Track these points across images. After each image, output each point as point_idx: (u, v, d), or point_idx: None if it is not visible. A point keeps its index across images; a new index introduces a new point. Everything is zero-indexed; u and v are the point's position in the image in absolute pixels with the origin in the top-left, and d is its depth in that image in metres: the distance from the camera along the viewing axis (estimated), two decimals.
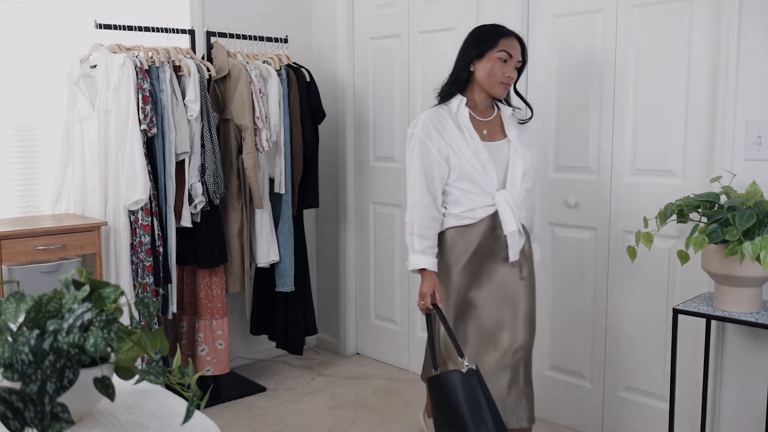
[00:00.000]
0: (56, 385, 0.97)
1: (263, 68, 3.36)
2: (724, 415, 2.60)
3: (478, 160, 2.36)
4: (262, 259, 3.51)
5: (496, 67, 2.39)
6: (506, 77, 2.40)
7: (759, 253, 2.12)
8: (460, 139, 2.38)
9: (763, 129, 2.44)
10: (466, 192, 2.38)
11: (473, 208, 2.38)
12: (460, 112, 2.42)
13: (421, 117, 2.43)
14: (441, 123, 2.39)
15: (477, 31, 2.50)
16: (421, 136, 2.38)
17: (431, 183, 2.38)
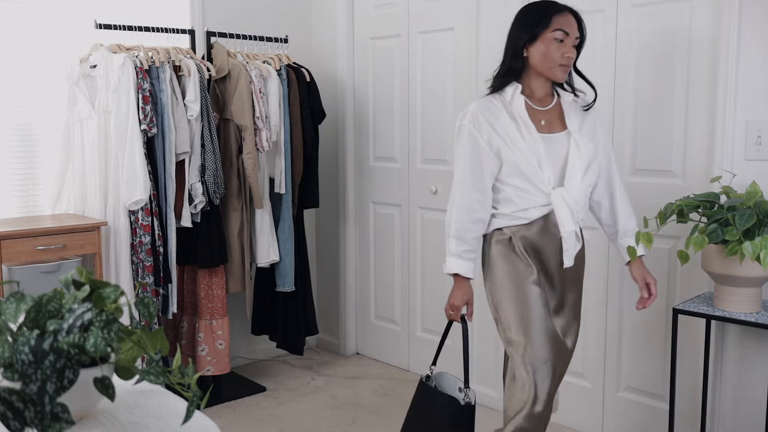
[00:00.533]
0: (56, 385, 0.97)
1: (263, 68, 3.36)
2: (724, 415, 2.60)
3: (534, 154, 2.12)
4: (262, 259, 3.51)
5: (552, 48, 2.11)
6: (565, 58, 2.12)
7: (759, 253, 2.12)
8: (514, 131, 2.13)
9: (763, 129, 2.44)
10: (518, 189, 2.15)
11: (526, 207, 2.15)
12: (514, 101, 2.17)
13: (471, 107, 2.19)
14: (492, 113, 2.15)
15: (524, 11, 2.22)
16: (470, 128, 2.15)
17: (479, 180, 2.15)
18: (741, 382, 2.55)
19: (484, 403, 3.40)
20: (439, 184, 3.60)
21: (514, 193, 2.15)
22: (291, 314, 3.62)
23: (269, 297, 3.64)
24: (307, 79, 3.56)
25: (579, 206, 2.18)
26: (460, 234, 2.18)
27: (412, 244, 3.79)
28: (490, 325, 3.39)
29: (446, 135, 3.55)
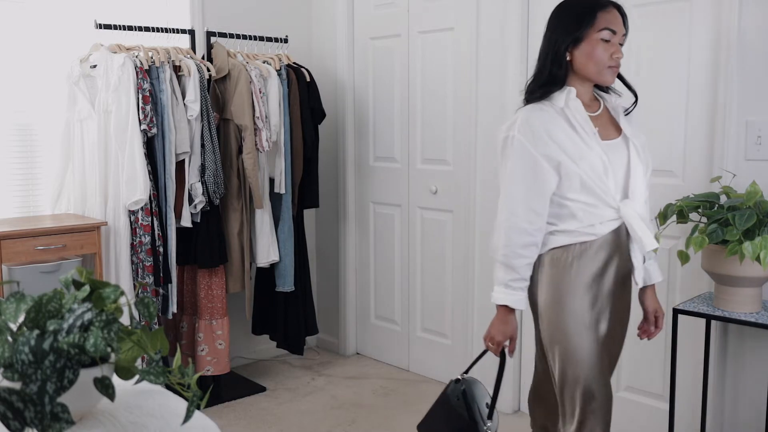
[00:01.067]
0: (56, 385, 0.97)
1: (263, 68, 3.36)
2: (724, 415, 2.60)
3: (602, 164, 1.88)
4: (262, 259, 3.51)
5: (600, 49, 1.88)
6: (614, 59, 1.91)
7: (759, 253, 2.12)
8: (577, 141, 1.88)
9: (763, 129, 2.44)
10: (584, 205, 1.90)
11: (592, 223, 1.91)
12: (570, 106, 1.90)
13: (520, 115, 1.91)
14: (548, 121, 1.89)
15: (563, 9, 1.95)
16: (522, 141, 1.87)
17: (535, 200, 1.89)
18: (741, 382, 2.55)
19: None
20: (439, 184, 3.60)
21: (579, 209, 1.90)
22: (291, 314, 3.62)
23: (269, 297, 3.64)
24: (307, 79, 3.56)
25: (646, 219, 1.96)
26: (510, 260, 1.93)
27: (412, 244, 3.79)
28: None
29: (446, 135, 3.55)
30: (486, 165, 3.30)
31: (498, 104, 3.22)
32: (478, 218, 3.37)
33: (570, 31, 1.90)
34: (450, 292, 3.61)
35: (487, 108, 3.28)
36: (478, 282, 3.39)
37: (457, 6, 3.42)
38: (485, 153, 3.30)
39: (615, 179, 1.92)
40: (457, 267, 3.55)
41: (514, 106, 3.16)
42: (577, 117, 1.90)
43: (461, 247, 3.50)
